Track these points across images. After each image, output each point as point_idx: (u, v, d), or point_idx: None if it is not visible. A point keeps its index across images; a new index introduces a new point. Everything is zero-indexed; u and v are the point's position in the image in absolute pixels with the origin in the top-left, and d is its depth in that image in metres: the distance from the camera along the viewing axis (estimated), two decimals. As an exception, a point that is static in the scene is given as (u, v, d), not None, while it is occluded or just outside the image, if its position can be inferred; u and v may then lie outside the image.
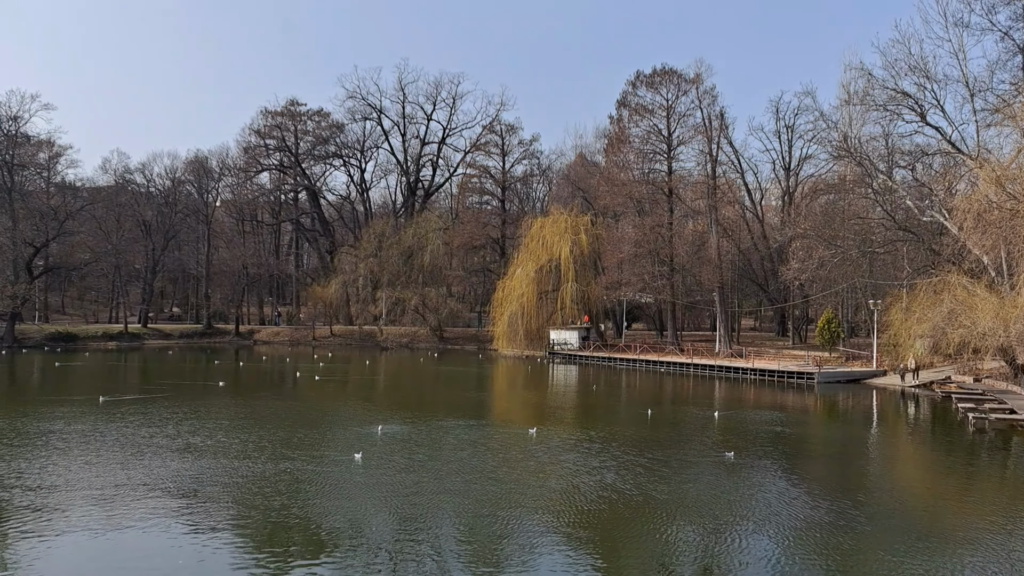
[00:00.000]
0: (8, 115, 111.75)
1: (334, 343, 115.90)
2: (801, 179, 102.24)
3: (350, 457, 31.02)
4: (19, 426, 38.54)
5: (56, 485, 26.66)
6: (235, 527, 22.63)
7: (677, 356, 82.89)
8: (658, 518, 23.72)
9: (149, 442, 34.75)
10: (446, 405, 51.61)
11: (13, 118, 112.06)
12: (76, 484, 26.83)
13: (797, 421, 45.87)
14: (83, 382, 63.22)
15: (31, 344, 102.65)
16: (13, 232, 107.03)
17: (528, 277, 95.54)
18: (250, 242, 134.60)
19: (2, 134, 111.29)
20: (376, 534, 22.05)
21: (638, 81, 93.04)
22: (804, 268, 72.55)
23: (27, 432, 36.88)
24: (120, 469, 29.23)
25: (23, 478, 27.62)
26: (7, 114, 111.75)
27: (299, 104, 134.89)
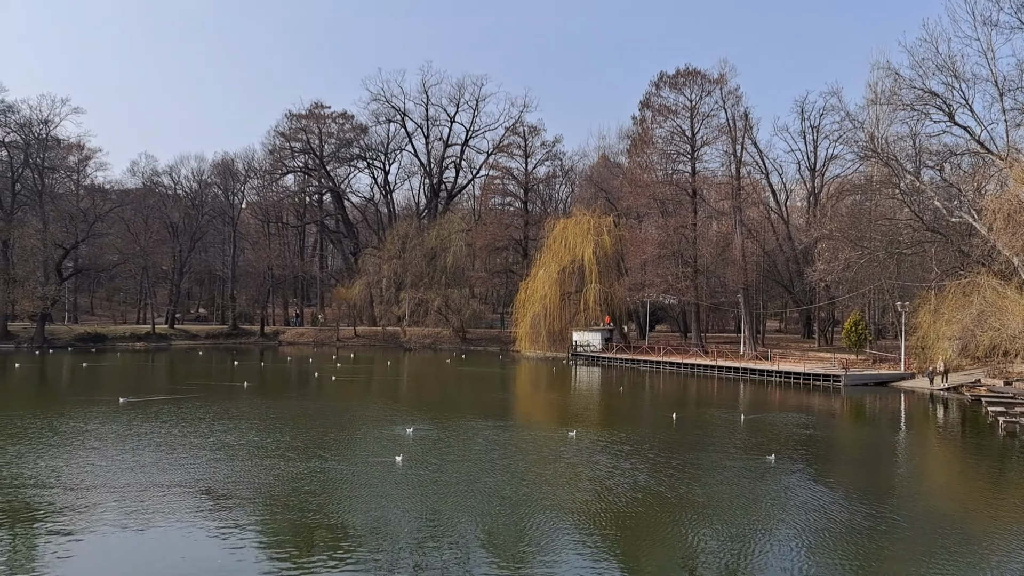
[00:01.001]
0: (39, 119, 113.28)
1: (358, 344, 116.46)
2: (827, 180, 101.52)
3: (390, 459, 31.02)
4: (55, 425, 39.06)
5: (88, 484, 26.96)
6: (280, 529, 22.76)
7: (701, 358, 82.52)
8: (691, 520, 23.70)
9: (182, 442, 35.13)
10: (474, 406, 51.70)
11: (44, 121, 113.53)
12: (108, 483, 27.12)
13: (824, 424, 45.56)
14: (111, 382, 63.89)
15: (60, 344, 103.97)
16: (43, 234, 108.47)
17: (551, 278, 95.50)
18: (275, 244, 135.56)
19: (33, 137, 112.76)
20: (425, 537, 22.08)
21: (662, 82, 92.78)
22: (830, 269, 71.99)
23: (62, 431, 37.36)
24: (154, 469, 29.51)
25: (58, 476, 27.99)
26: (38, 118, 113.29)
27: (324, 107, 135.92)
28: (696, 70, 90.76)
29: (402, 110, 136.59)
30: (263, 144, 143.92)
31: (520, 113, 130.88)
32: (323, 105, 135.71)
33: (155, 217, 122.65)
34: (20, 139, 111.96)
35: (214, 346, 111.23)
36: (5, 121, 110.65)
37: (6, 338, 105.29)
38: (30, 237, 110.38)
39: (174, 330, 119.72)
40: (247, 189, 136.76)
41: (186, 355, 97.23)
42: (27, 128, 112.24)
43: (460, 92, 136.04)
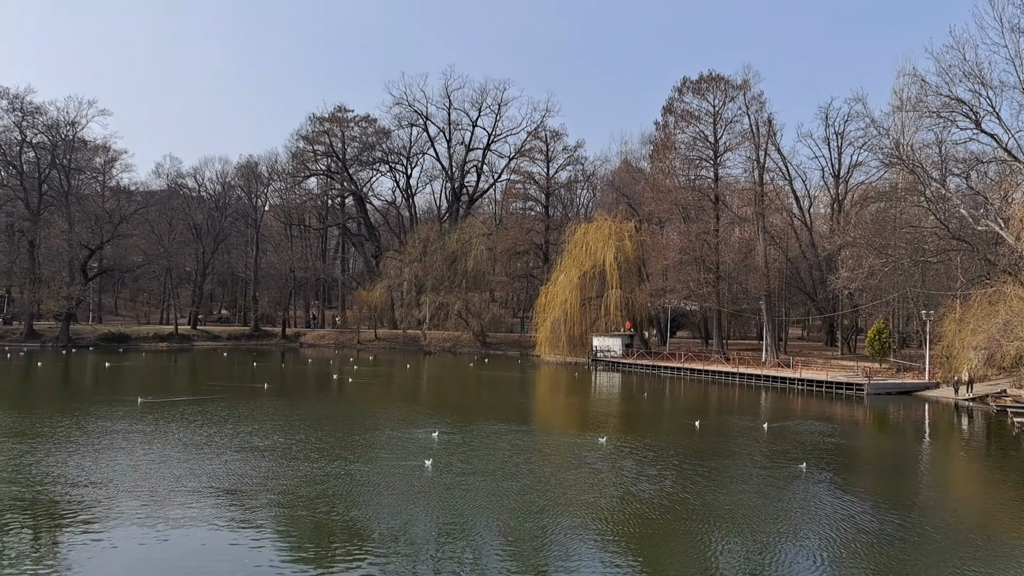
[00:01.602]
0: (66, 120, 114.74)
1: (378, 346, 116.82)
2: (851, 187, 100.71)
3: (419, 463, 30.98)
4: (82, 424, 39.43)
5: (115, 483, 27.19)
6: (310, 533, 22.80)
7: (722, 365, 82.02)
8: (718, 528, 23.57)
9: (207, 442, 35.38)
10: (497, 410, 51.57)
11: (71, 123, 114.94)
12: (134, 483, 27.32)
13: (849, 433, 45.29)
14: (134, 383, 64.44)
15: (85, 344, 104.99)
16: (69, 235, 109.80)
17: (571, 283, 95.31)
18: (297, 246, 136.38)
19: (60, 139, 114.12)
20: (456, 542, 22.09)
21: (685, 87, 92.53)
22: (854, 277, 71.39)
23: (90, 430, 37.74)
24: (181, 469, 29.71)
25: (87, 475, 28.25)
26: (65, 119, 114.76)
27: (347, 110, 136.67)
28: (719, 76, 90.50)
29: (424, 114, 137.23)
30: (286, 147, 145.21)
31: (542, 118, 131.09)
32: (346, 109, 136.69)
33: (179, 219, 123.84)
34: (47, 140, 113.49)
35: (236, 347, 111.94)
36: (33, 122, 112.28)
37: (32, 337, 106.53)
38: (56, 238, 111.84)
39: (196, 331, 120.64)
40: (270, 192, 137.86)
41: (208, 356, 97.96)
42: (54, 129, 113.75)
43: (483, 96, 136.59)
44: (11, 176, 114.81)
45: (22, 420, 40.81)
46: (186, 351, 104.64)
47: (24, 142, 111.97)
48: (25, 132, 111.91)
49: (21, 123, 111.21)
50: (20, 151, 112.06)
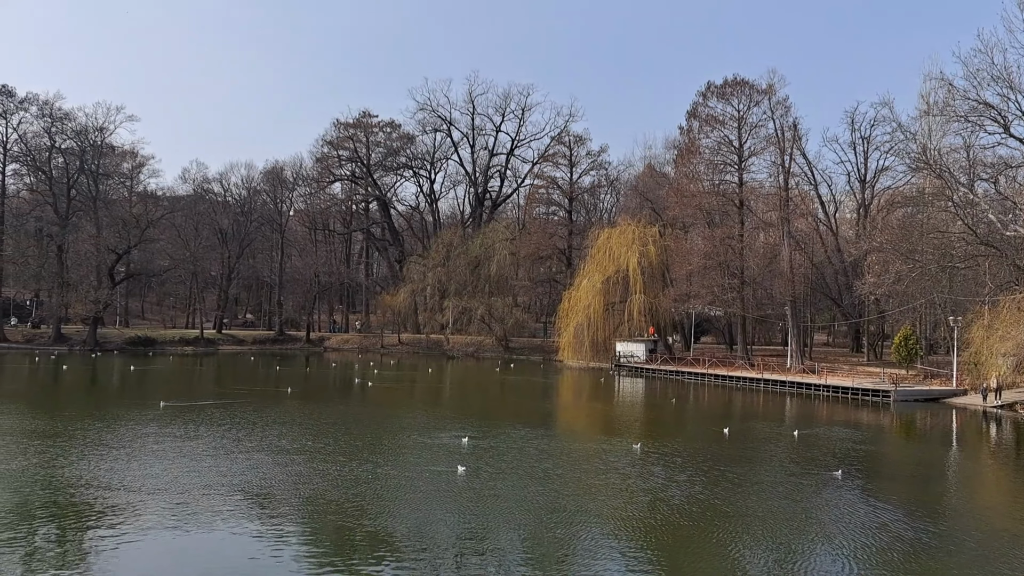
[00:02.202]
0: (94, 126, 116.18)
1: (402, 351, 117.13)
2: (877, 191, 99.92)
3: (451, 469, 30.97)
4: (113, 427, 39.85)
5: (145, 486, 27.45)
6: (345, 538, 22.83)
7: (747, 371, 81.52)
8: (752, 535, 23.50)
9: (237, 446, 35.67)
10: (523, 416, 51.44)
11: (99, 129, 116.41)
12: (165, 485, 27.55)
13: (878, 440, 45.08)
14: (163, 386, 65.05)
15: (112, 347, 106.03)
16: (97, 239, 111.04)
17: (594, 288, 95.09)
18: (322, 251, 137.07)
19: (88, 144, 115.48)
20: (494, 548, 22.14)
21: (709, 92, 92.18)
22: (880, 282, 70.78)
23: (121, 434, 38.14)
24: (212, 472, 29.93)
25: (120, 478, 28.54)
26: (93, 125, 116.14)
27: (371, 116, 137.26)
28: (744, 80, 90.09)
29: (448, 119, 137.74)
30: (311, 152, 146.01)
31: (566, 123, 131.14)
32: (371, 114, 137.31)
33: (205, 223, 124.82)
34: (76, 146, 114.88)
35: (260, 351, 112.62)
36: (62, 128, 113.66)
37: (60, 341, 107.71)
38: (84, 242, 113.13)
39: (222, 335, 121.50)
40: (295, 196, 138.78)
41: (233, 360, 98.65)
42: (83, 135, 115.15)
43: (506, 102, 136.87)
44: (40, 181, 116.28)
45: (53, 423, 41.25)
46: (211, 355, 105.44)
47: (53, 148, 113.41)
48: (54, 138, 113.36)
49: (50, 129, 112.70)
50: (49, 157, 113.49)
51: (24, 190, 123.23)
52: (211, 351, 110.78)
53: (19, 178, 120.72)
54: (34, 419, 43.10)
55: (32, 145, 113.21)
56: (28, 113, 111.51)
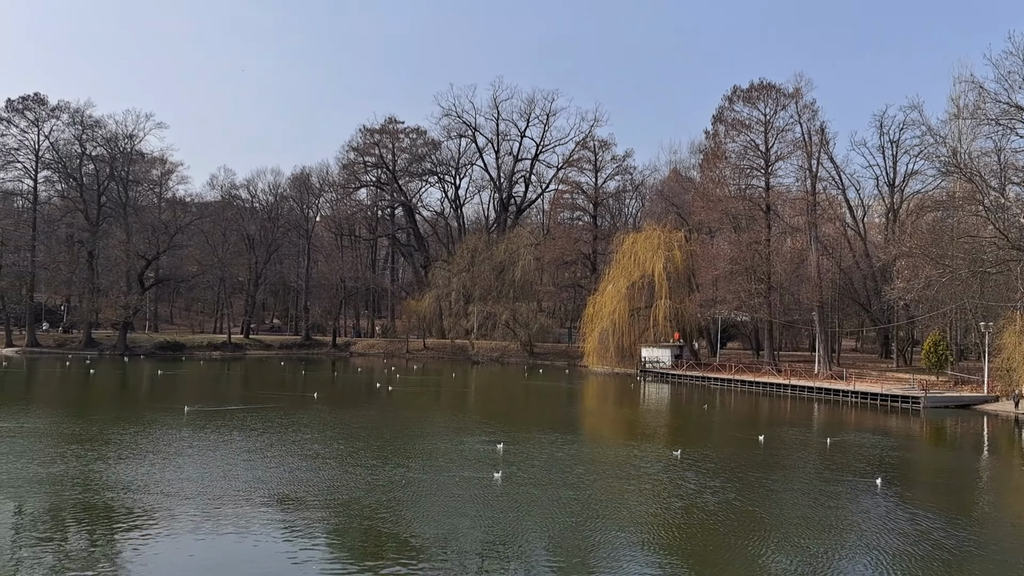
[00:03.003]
0: (124, 133, 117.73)
1: (427, 356, 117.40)
2: (907, 196, 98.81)
3: (487, 475, 30.98)
4: (147, 431, 40.25)
5: (179, 490, 27.73)
6: (388, 543, 22.79)
7: (774, 376, 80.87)
8: (793, 542, 23.38)
9: (269, 451, 35.89)
10: (553, 422, 51.31)
11: (129, 136, 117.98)
12: (200, 489, 27.81)
13: (908, 446, 44.74)
14: (188, 391, 65.73)
15: (141, 352, 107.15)
16: (127, 245, 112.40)
17: (619, 293, 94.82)
18: (348, 256, 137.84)
19: (119, 151, 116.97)
20: (535, 555, 22.14)
21: (735, 96, 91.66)
22: (910, 288, 69.92)
23: (154, 438, 38.53)
24: (246, 477, 30.15)
25: (156, 482, 28.81)
26: (123, 132, 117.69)
27: (397, 122, 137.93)
28: (770, 84, 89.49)
29: (473, 125, 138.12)
30: (337, 159, 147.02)
31: (591, 127, 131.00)
32: (396, 120, 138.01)
33: (233, 229, 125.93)
34: (106, 153, 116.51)
35: (287, 356, 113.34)
36: (92, 136, 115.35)
37: (90, 345, 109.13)
38: (114, 248, 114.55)
39: (249, 340, 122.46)
40: (321, 203, 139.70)
41: (260, 365, 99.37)
42: (113, 142, 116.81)
43: (531, 107, 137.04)
44: (71, 188, 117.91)
45: (87, 427, 41.75)
46: (239, 360, 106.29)
47: (84, 155, 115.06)
48: (85, 145, 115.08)
49: (81, 136, 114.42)
50: (80, 164, 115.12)
51: (56, 197, 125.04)
52: (239, 356, 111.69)
53: (51, 185, 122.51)
54: (69, 423, 43.71)
55: (63, 152, 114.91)
56: (60, 121, 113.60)
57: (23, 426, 41.66)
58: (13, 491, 27.15)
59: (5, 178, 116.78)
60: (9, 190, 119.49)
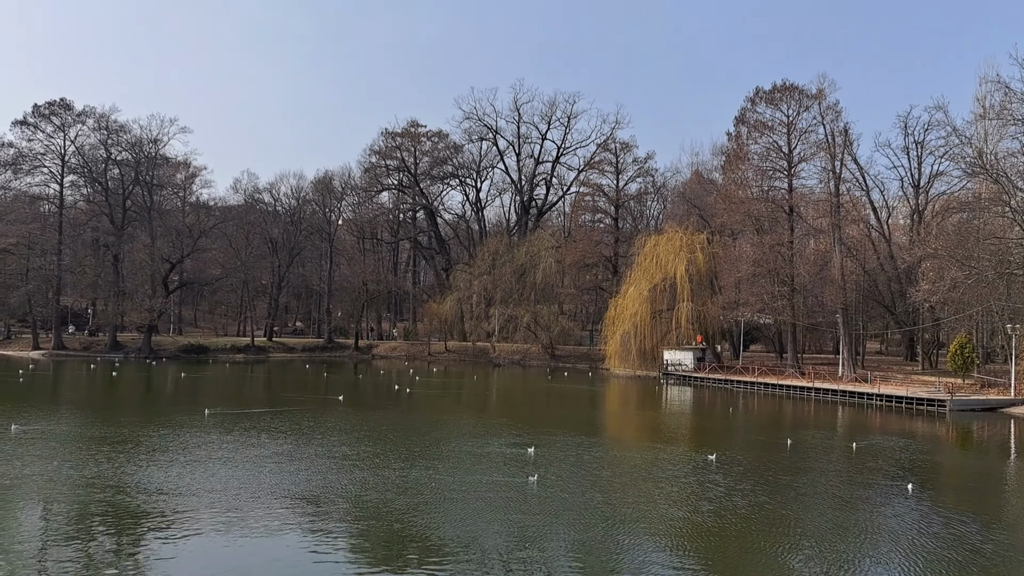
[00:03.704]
0: (149, 138, 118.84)
1: (448, 358, 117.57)
2: (932, 197, 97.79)
3: (522, 479, 31.01)
4: (177, 435, 40.70)
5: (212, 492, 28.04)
6: (430, 548, 22.83)
7: (797, 379, 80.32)
8: (827, 548, 23.32)
9: (298, 453, 36.14)
10: (577, 425, 51.28)
11: (153, 141, 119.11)
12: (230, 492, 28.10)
13: (937, 450, 44.51)
14: (212, 393, 66.28)
15: (166, 355, 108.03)
16: (151, 249, 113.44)
17: (641, 296, 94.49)
18: (370, 259, 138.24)
19: (143, 156, 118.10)
20: (575, 560, 22.21)
21: (757, 97, 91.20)
22: (935, 290, 69.29)
23: (186, 441, 38.95)
24: (276, 479, 30.41)
25: (188, 484, 29.15)
26: (148, 137, 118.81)
27: (419, 125, 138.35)
28: (793, 85, 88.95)
29: (494, 128, 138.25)
30: (359, 162, 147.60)
31: (612, 130, 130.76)
32: (418, 124, 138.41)
33: (256, 233, 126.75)
34: (131, 157, 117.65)
35: (310, 359, 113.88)
36: (117, 140, 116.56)
37: (116, 348, 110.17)
38: (139, 252, 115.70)
39: (272, 343, 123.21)
40: (344, 206, 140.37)
41: (283, 367, 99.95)
42: (138, 147, 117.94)
43: (552, 109, 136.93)
44: (97, 192, 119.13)
45: (118, 430, 42.19)
46: (262, 363, 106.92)
47: (109, 159, 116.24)
48: (110, 150, 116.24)
49: (107, 141, 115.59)
50: (106, 168, 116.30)
51: (81, 201, 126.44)
52: (262, 359, 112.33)
53: (77, 189, 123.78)
54: (96, 426, 44.14)
55: (89, 157, 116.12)
56: (85, 126, 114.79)
57: (52, 429, 42.17)
58: (42, 493, 27.58)
59: (32, 183, 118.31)
60: (36, 195, 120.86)
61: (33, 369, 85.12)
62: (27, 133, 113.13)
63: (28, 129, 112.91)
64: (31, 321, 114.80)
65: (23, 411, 48.54)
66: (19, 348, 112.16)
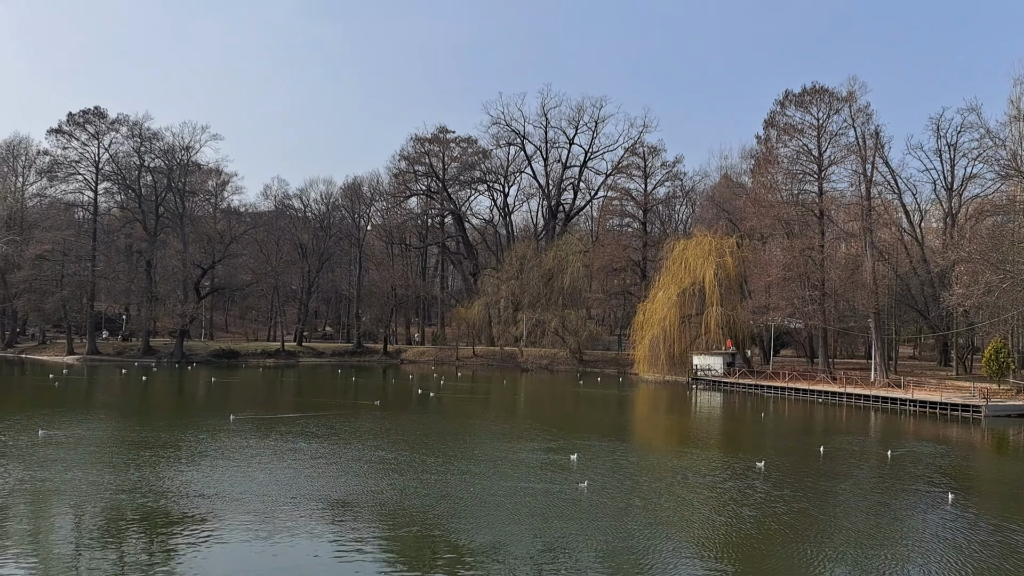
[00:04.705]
0: (181, 145, 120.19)
1: (476, 363, 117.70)
2: (965, 200, 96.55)
3: (572, 485, 31.11)
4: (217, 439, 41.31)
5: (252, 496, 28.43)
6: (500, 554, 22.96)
7: (829, 384, 79.56)
8: (876, 557, 23.23)
9: (334, 457, 36.58)
10: (610, 430, 51.59)
11: (185, 148, 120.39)
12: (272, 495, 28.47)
13: (974, 457, 44.37)
14: (246, 397, 66.92)
15: (197, 360, 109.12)
16: (183, 255, 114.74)
17: (670, 300, 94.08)
18: (399, 264, 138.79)
19: (175, 163, 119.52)
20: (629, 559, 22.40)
21: (787, 100, 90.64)
22: (969, 294, 68.41)
23: (224, 445, 39.52)
24: (320, 483, 30.79)
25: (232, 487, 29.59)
26: (180, 144, 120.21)
27: (448, 131, 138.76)
28: (823, 88, 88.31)
29: (522, 133, 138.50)
30: (387, 168, 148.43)
31: (639, 134, 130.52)
32: (447, 129, 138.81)
33: (286, 238, 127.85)
34: (164, 165, 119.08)
35: (340, 364, 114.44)
36: (150, 148, 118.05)
37: (148, 353, 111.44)
38: (171, 258, 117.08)
39: (302, 348, 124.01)
40: (372, 211, 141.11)
41: (313, 372, 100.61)
42: (170, 154, 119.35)
43: (579, 114, 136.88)
44: (130, 199, 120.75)
45: (157, 434, 42.80)
46: (292, 367, 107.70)
47: (142, 167, 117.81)
48: (143, 157, 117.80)
49: (140, 149, 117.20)
50: (139, 175, 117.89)
51: (115, 208, 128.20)
52: (292, 363, 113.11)
53: (110, 196, 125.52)
54: (130, 430, 44.85)
55: (123, 164, 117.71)
56: (119, 134, 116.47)
57: (88, 434, 42.78)
58: (76, 497, 28.05)
59: (67, 190, 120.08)
60: (71, 202, 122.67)
61: (67, 374, 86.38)
62: (62, 141, 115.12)
63: (63, 137, 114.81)
64: (66, 326, 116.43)
65: (59, 415, 49.41)
66: (54, 353, 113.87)
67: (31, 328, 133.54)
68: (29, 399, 62.17)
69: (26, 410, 52.36)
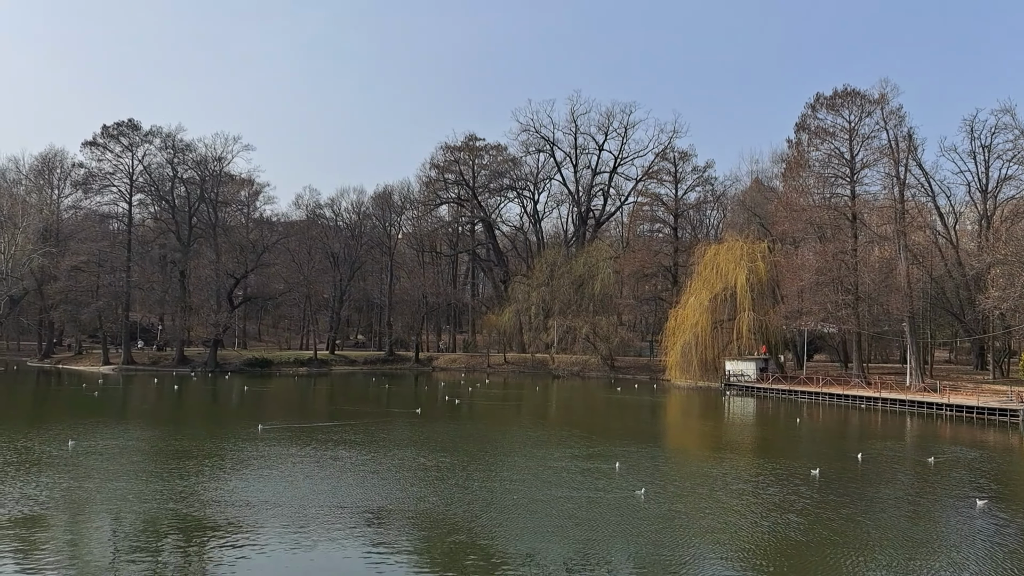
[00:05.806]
0: (213, 156, 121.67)
1: (507, 370, 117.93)
2: (1000, 202, 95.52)
3: (630, 494, 31.24)
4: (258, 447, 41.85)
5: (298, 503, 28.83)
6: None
7: (863, 389, 78.97)
8: (920, 560, 23.30)
9: (374, 466, 36.87)
10: (649, 436, 51.81)
11: (218, 159, 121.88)
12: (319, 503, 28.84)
13: (1013, 462, 43.44)
14: (280, 406, 67.61)
15: (231, 369, 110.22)
16: (217, 264, 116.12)
17: (702, 306, 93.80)
18: (429, 272, 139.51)
19: (208, 174, 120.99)
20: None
21: (818, 103, 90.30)
22: (1005, 296, 67.75)
23: (267, 454, 40.00)
24: (366, 491, 31.14)
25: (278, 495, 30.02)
26: (212, 155, 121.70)
27: (477, 139, 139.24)
28: (855, 90, 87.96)
29: (551, 140, 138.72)
30: (418, 176, 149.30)
31: (670, 139, 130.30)
32: (477, 137, 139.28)
33: (317, 248, 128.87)
34: (197, 176, 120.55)
35: (372, 371, 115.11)
36: (183, 159, 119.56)
37: (183, 363, 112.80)
38: (204, 268, 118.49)
39: (334, 356, 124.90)
40: (403, 220, 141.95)
41: (346, 380, 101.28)
42: (203, 165, 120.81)
43: (608, 120, 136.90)
44: (164, 210, 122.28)
45: (189, 442, 43.40)
46: (325, 375, 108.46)
47: (176, 178, 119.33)
48: (176, 168, 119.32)
49: (173, 160, 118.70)
50: (172, 187, 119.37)
51: (149, 219, 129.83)
52: (324, 372, 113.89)
53: (144, 207, 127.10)
54: (166, 439, 45.25)
55: (156, 176, 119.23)
56: (152, 146, 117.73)
57: (130, 444, 43.37)
58: (113, 505, 28.48)
59: (102, 202, 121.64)
60: (105, 213, 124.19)
61: (103, 384, 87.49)
62: (97, 154, 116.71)
63: (98, 150, 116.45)
64: (101, 336, 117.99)
65: (96, 426, 50.12)
66: (90, 363, 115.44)
67: (67, 339, 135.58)
68: (67, 409, 63.09)
69: (64, 419, 53.16)
